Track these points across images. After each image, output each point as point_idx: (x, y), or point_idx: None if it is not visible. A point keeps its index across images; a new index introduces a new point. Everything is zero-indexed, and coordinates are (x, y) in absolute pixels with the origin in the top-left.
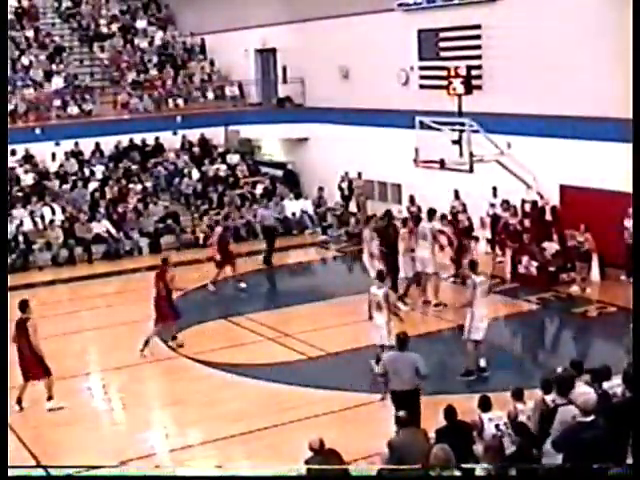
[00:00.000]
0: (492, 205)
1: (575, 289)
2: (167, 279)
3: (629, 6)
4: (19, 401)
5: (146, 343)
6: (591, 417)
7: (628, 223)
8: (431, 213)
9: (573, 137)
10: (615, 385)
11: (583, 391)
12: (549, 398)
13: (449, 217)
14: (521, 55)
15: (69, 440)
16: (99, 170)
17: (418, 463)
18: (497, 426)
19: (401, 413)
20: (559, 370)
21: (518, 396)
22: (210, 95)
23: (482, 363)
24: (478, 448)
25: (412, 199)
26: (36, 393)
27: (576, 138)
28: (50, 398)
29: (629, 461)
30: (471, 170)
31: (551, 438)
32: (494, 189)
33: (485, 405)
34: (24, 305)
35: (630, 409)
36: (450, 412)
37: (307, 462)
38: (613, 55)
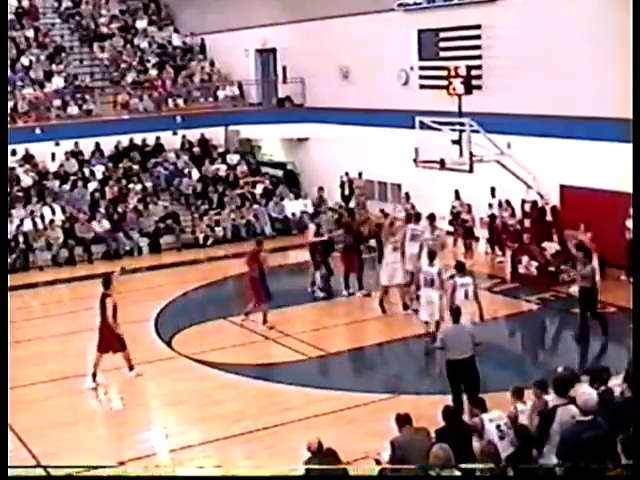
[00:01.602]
0: (490, 205)
1: (575, 289)
2: (261, 260)
3: (629, 7)
4: (94, 376)
5: (247, 314)
6: (590, 417)
7: (630, 223)
8: (419, 216)
9: (573, 137)
10: (615, 385)
11: (584, 391)
12: (548, 398)
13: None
14: (521, 55)
15: (69, 440)
16: (99, 170)
17: (420, 462)
18: (498, 427)
19: (402, 413)
20: (559, 370)
21: (518, 395)
22: (210, 95)
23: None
24: (478, 449)
25: (407, 196)
26: (38, 394)
27: (576, 138)
28: (131, 368)
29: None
30: (471, 170)
31: (551, 439)
32: (492, 189)
33: (481, 406)
34: (107, 282)
35: (630, 409)
36: (448, 412)
37: (306, 464)
38: (613, 55)
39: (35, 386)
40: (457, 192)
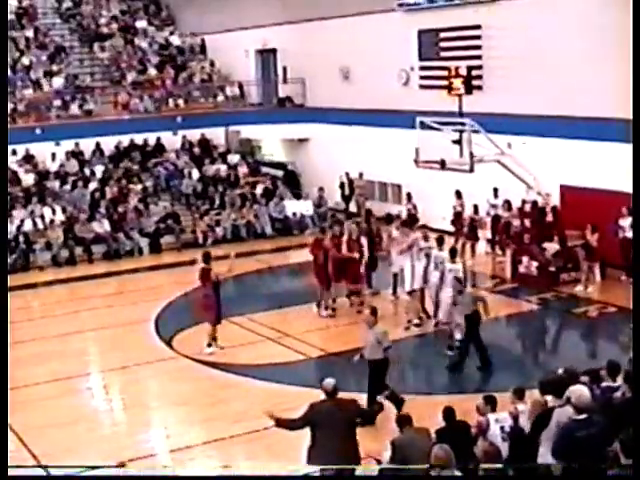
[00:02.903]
0: (493, 206)
1: (580, 289)
2: (326, 247)
3: (629, 7)
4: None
5: (318, 304)
6: (584, 415)
7: (623, 222)
8: (412, 221)
9: (573, 137)
10: (616, 385)
11: (577, 388)
12: (548, 398)
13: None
14: (521, 55)
15: (70, 440)
16: (99, 170)
17: (421, 463)
18: (502, 428)
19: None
20: (560, 371)
21: (519, 395)
22: (210, 95)
23: (457, 336)
24: (479, 449)
25: (409, 197)
26: (37, 394)
27: (576, 138)
28: (210, 345)
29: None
30: (471, 170)
31: (546, 440)
32: (495, 190)
33: (491, 405)
34: (207, 256)
35: (630, 408)
36: (449, 413)
37: (313, 405)
38: (613, 55)
39: (36, 386)
40: (458, 192)
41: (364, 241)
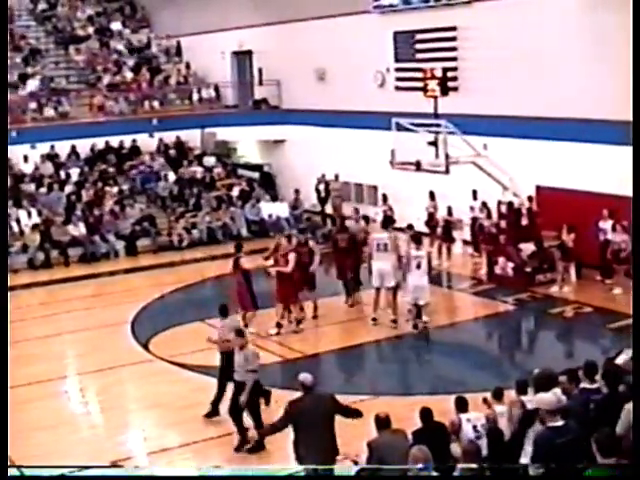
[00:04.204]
0: (472, 208)
1: (555, 289)
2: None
3: (606, 9)
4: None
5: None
6: (561, 421)
7: (604, 225)
8: (388, 222)
9: (549, 138)
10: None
11: (540, 397)
12: (526, 399)
13: (426, 218)
14: (497, 57)
15: (51, 443)
16: (75, 173)
17: (398, 464)
18: (475, 427)
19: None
20: (536, 371)
21: (497, 397)
22: (186, 97)
23: (422, 320)
24: (456, 449)
25: (385, 198)
26: (17, 398)
27: (552, 139)
28: (246, 326)
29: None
30: (447, 172)
31: (528, 442)
32: (474, 192)
33: (462, 405)
34: (239, 246)
35: (609, 407)
36: (426, 414)
37: (292, 403)
38: (590, 56)
39: (15, 389)
40: (432, 193)
41: (291, 257)
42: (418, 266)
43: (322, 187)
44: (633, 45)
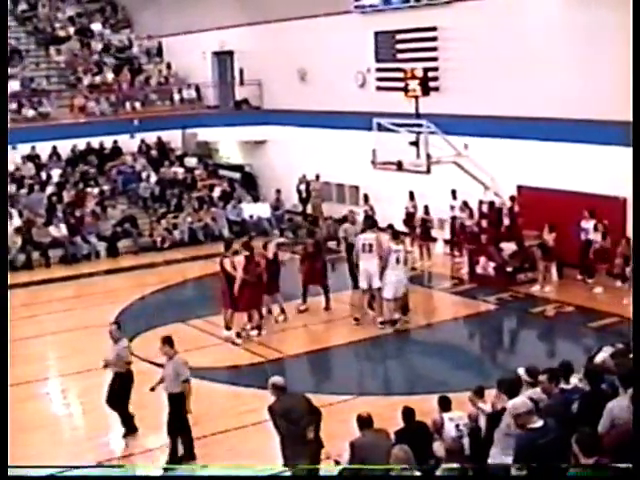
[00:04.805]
0: (452, 207)
1: (537, 288)
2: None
3: (587, 8)
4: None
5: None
6: (540, 422)
7: (585, 224)
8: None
9: (530, 138)
10: (574, 384)
11: (513, 401)
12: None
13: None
14: (477, 56)
15: (31, 445)
16: (56, 174)
17: (381, 464)
18: (457, 426)
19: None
20: (521, 370)
21: (479, 394)
22: (167, 98)
23: (395, 316)
24: (438, 448)
25: (366, 198)
26: None
27: (533, 139)
28: (227, 327)
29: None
30: (428, 171)
31: (499, 441)
32: (453, 192)
33: (445, 405)
34: (227, 245)
35: (591, 405)
36: (407, 413)
37: (272, 408)
38: (569, 56)
39: None
40: (411, 193)
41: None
42: (397, 260)
43: (303, 187)
44: (633, 45)
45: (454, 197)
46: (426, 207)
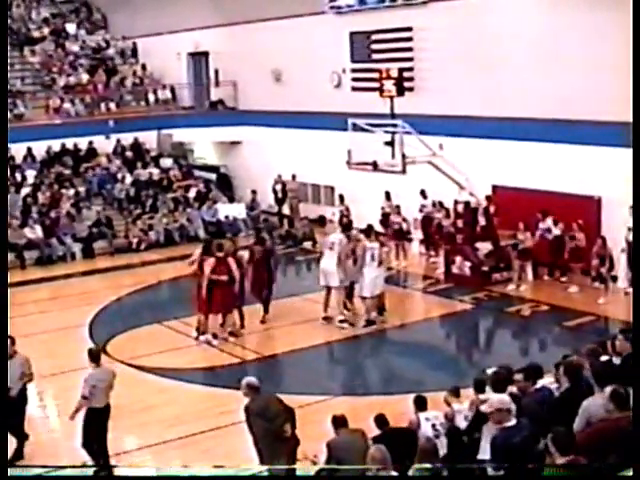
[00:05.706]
0: (423, 206)
1: (512, 288)
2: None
3: (563, 9)
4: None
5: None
6: (514, 420)
7: (543, 225)
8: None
9: (505, 138)
10: (547, 383)
11: (492, 396)
12: (483, 397)
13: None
14: (452, 57)
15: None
16: (31, 175)
17: (357, 464)
18: (434, 426)
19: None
20: (491, 370)
21: (455, 394)
22: (142, 99)
23: (372, 316)
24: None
25: (342, 198)
26: None
27: (508, 139)
28: (203, 333)
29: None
30: (404, 172)
31: (487, 435)
32: (422, 191)
33: (421, 404)
34: (205, 248)
35: (566, 402)
36: (380, 420)
37: (247, 407)
38: (542, 56)
39: None
40: (387, 193)
41: (232, 262)
42: (372, 257)
43: (279, 188)
44: (633, 45)
45: (424, 197)
46: (397, 207)
